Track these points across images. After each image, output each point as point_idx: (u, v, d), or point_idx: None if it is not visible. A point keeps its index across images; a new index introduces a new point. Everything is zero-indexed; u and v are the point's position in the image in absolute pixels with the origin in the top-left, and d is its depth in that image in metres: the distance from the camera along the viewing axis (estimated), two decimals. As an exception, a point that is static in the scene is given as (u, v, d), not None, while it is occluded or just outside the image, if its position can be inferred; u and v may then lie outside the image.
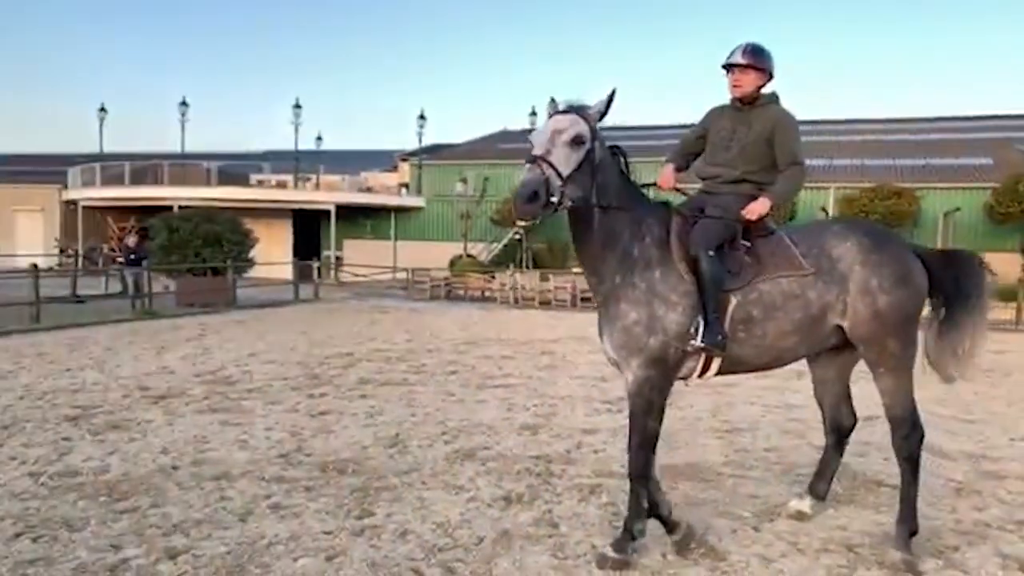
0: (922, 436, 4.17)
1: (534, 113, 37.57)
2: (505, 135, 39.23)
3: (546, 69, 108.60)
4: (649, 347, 3.81)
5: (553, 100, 3.79)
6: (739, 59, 4.18)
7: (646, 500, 4.03)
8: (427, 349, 11.70)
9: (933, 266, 4.19)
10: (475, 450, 5.98)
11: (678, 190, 4.38)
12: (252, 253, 20.20)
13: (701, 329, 3.81)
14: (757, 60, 4.18)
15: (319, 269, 25.22)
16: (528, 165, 3.56)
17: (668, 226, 4.00)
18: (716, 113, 4.43)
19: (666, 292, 3.85)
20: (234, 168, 39.09)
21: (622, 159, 3.94)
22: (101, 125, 43.06)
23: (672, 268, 3.90)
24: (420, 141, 39.00)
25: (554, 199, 3.53)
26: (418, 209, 35.31)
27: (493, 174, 31.49)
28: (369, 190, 37.17)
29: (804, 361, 4.45)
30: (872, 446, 6.26)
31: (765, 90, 4.27)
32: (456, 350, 11.64)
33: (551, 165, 3.54)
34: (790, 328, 3.97)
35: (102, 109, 42.86)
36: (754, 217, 4.06)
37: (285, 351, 11.22)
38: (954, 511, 4.81)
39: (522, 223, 3.62)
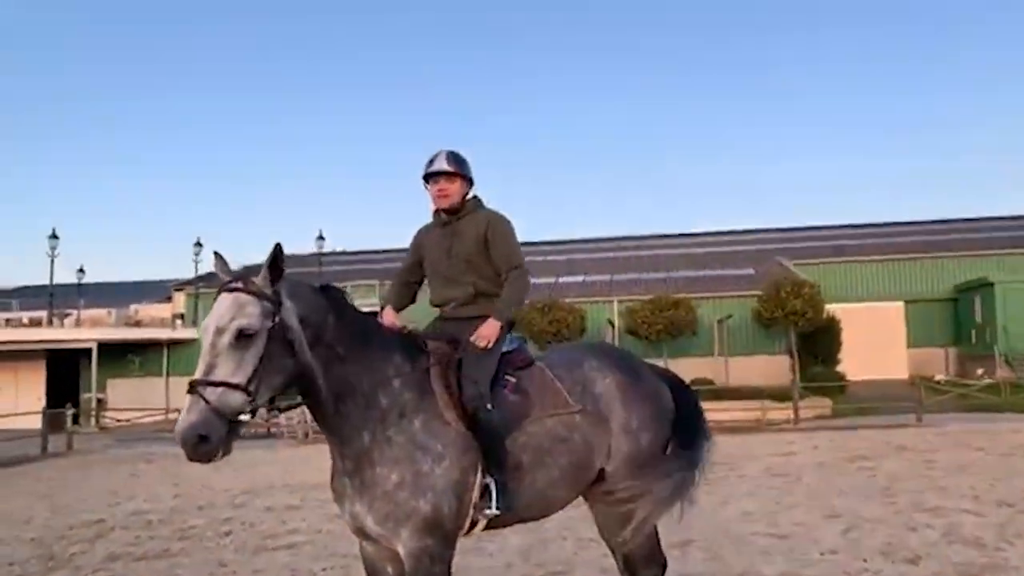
0: (664, 566, 4.01)
1: (322, 237, 36.60)
2: (290, 259, 37.77)
3: (328, 188, 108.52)
4: (420, 511, 3.12)
5: (219, 256, 3.12)
6: (445, 166, 3.81)
7: None
8: (197, 506, 10.09)
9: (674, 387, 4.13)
10: (245, 644, 4.84)
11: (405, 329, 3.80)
12: (-12, 403, 17.37)
13: (494, 492, 3.23)
14: (461, 167, 3.85)
15: (75, 415, 22.10)
16: (188, 396, 2.77)
17: (422, 362, 3.43)
18: (423, 234, 4.03)
19: (430, 443, 3.21)
20: (-27, 307, 34.69)
21: (339, 298, 3.36)
22: None
23: (434, 414, 3.29)
24: (196, 269, 36.71)
25: (243, 417, 2.81)
26: (194, 341, 32.75)
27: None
28: (138, 324, 34.21)
29: None
30: (693, 579, 5.86)
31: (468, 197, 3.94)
32: (232, 503, 10.16)
33: (217, 385, 2.77)
34: (558, 474, 3.53)
35: None
36: (484, 343, 3.56)
37: (17, 524, 9.21)
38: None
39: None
